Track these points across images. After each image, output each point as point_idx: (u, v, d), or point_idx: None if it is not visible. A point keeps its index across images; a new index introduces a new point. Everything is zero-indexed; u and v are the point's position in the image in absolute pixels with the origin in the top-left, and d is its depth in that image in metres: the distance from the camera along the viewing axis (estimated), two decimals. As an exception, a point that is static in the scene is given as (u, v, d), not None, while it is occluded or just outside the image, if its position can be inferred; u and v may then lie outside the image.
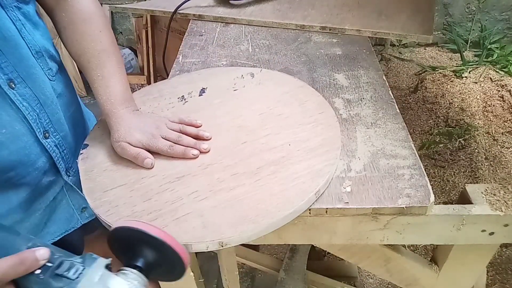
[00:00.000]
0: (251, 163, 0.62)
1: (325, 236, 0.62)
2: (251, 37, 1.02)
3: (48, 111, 0.64)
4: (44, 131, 0.64)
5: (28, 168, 0.63)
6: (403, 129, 0.70)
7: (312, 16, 1.08)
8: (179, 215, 0.55)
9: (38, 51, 0.63)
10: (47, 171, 0.67)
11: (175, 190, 0.59)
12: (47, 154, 0.65)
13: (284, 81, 0.80)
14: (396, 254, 0.70)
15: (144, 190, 0.59)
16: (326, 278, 1.26)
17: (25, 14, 0.61)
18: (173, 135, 0.65)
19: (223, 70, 0.86)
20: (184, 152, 0.63)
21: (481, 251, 0.66)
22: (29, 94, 0.60)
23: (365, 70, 0.86)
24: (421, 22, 1.04)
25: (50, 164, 0.67)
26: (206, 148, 0.65)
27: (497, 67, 2.18)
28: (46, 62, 0.65)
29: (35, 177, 0.65)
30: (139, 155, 0.62)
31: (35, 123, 0.62)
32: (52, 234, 0.72)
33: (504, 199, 0.60)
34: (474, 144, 1.85)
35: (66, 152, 0.69)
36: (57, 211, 0.72)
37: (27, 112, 0.60)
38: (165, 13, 1.15)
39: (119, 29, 2.54)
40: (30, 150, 0.62)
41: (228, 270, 1.07)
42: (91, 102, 2.35)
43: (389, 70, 2.35)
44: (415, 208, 0.57)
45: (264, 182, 0.58)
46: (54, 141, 0.66)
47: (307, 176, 0.58)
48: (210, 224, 0.53)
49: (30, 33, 0.61)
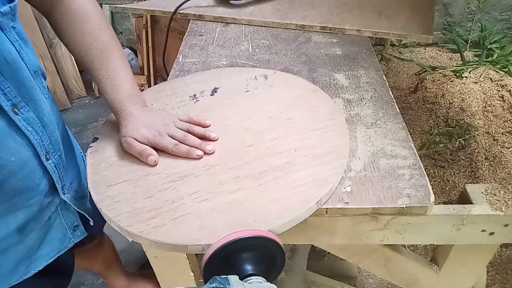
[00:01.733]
0: (255, 167, 0.61)
1: (325, 236, 0.62)
2: (251, 37, 1.02)
3: (48, 132, 0.63)
4: (45, 152, 0.62)
5: (32, 193, 0.62)
6: (403, 129, 0.70)
7: (312, 16, 1.08)
8: (178, 214, 0.55)
9: (36, 71, 0.61)
10: (47, 193, 0.65)
11: (176, 189, 0.59)
12: (48, 176, 0.64)
13: (297, 85, 0.79)
14: (396, 254, 0.70)
15: (147, 187, 0.59)
16: (326, 278, 1.26)
17: (19, 33, 0.58)
18: (180, 134, 0.65)
19: (237, 70, 0.86)
20: (189, 152, 0.64)
21: (481, 251, 0.66)
22: (32, 118, 0.59)
23: (365, 70, 0.86)
24: (421, 22, 1.04)
25: (50, 185, 0.65)
26: (211, 149, 0.65)
27: (497, 67, 2.18)
28: (41, 81, 0.63)
29: (38, 200, 0.64)
30: (143, 152, 0.63)
31: (39, 146, 0.60)
32: (45, 257, 0.71)
33: (504, 199, 0.60)
34: (474, 144, 1.84)
35: (62, 171, 0.68)
36: (50, 231, 0.70)
37: (32, 136, 0.59)
38: (165, 13, 1.15)
39: (119, 29, 2.54)
40: (35, 175, 0.61)
41: (228, 270, 1.07)
42: (91, 102, 2.35)
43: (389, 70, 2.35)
44: (415, 208, 0.57)
45: (266, 187, 0.58)
46: (53, 162, 0.65)
47: (311, 184, 0.58)
48: (207, 226, 0.53)
49: (27, 53, 0.59)
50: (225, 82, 0.81)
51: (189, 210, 0.56)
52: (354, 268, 1.37)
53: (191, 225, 0.54)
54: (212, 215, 0.55)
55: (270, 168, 0.61)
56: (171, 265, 0.69)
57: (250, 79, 0.81)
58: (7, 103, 0.54)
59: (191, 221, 0.54)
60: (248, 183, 0.59)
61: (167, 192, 0.59)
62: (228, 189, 0.58)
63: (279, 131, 0.68)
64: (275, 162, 0.62)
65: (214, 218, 0.54)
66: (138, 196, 0.58)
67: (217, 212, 0.55)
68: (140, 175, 0.62)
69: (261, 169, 0.61)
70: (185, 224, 0.54)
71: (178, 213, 0.55)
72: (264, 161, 0.62)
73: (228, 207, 0.56)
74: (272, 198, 0.56)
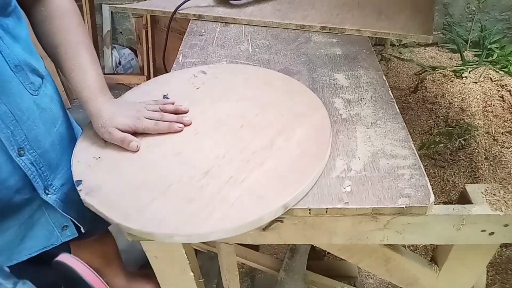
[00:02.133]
0: (265, 136, 0.66)
1: (325, 236, 0.62)
2: (251, 37, 1.02)
3: (24, 127, 0.62)
4: (18, 148, 0.62)
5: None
6: (403, 129, 0.70)
7: (312, 16, 1.08)
8: (232, 200, 0.56)
9: (17, 65, 0.61)
10: (20, 189, 0.65)
11: (210, 184, 0.59)
12: (20, 172, 0.63)
13: (237, 70, 0.84)
14: (396, 254, 0.70)
15: (183, 194, 0.58)
16: (326, 278, 1.26)
17: (3, 27, 0.59)
18: (156, 114, 0.68)
19: (171, 75, 0.85)
20: (170, 127, 0.66)
21: (481, 251, 0.66)
22: (3, 111, 0.58)
23: (365, 70, 0.86)
24: (421, 22, 1.04)
25: (24, 182, 0.65)
26: (188, 120, 0.69)
27: (497, 67, 2.18)
28: (27, 76, 0.63)
29: (5, 194, 0.63)
30: (125, 139, 0.64)
31: (7, 140, 0.60)
32: (28, 250, 0.72)
33: (504, 199, 0.60)
34: (474, 144, 1.84)
35: (44, 170, 0.67)
36: (34, 228, 0.71)
37: (0, 129, 0.59)
38: (165, 13, 1.15)
39: (119, 29, 2.54)
40: (0, 168, 0.61)
41: (228, 270, 1.07)
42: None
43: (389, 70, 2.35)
44: (415, 208, 0.57)
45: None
46: (29, 159, 0.64)
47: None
48: (263, 195, 0.56)
49: (9, 47, 0.60)
50: (169, 88, 0.79)
51: (238, 193, 0.57)
52: (354, 268, 1.37)
53: (249, 202, 0.55)
54: (260, 185, 0.58)
55: (277, 130, 0.67)
56: (171, 265, 0.69)
57: (191, 78, 0.82)
58: None
59: (246, 198, 0.56)
60: (265, 153, 0.63)
61: (206, 189, 0.58)
62: (255, 162, 0.61)
63: (254, 108, 0.72)
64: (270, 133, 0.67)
65: (263, 186, 0.58)
66: (181, 202, 0.57)
67: (263, 181, 0.58)
68: (164, 187, 0.59)
69: (271, 136, 0.66)
70: (243, 203, 0.55)
71: (231, 200, 0.56)
72: (268, 131, 0.67)
73: (271, 174, 0.59)
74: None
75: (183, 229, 0.53)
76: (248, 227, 0.54)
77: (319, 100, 0.75)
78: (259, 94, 0.77)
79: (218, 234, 0.53)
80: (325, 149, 0.64)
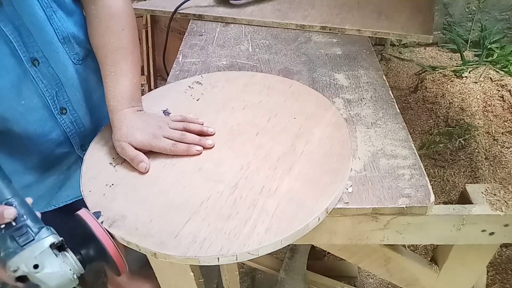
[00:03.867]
0: (284, 141, 0.65)
1: (325, 236, 0.61)
2: (251, 37, 1.02)
3: (68, 91, 0.70)
4: (61, 108, 0.70)
5: (42, 138, 0.70)
6: (403, 129, 0.70)
7: (312, 16, 1.08)
8: (272, 211, 0.54)
9: (65, 36, 0.68)
10: (61, 143, 0.73)
11: (242, 197, 0.57)
12: (61, 129, 0.72)
13: (233, 78, 0.82)
14: (396, 254, 0.70)
15: (217, 212, 0.55)
16: (326, 278, 1.26)
17: (59, 2, 0.67)
18: (176, 134, 0.65)
19: (165, 90, 0.80)
20: (188, 150, 0.64)
21: (481, 251, 0.66)
22: (50, 74, 0.67)
23: (365, 70, 0.86)
24: (421, 22, 1.04)
25: (64, 137, 0.73)
26: (211, 144, 0.65)
27: (497, 67, 2.18)
28: (73, 47, 0.70)
29: (48, 147, 0.72)
30: (135, 158, 0.62)
31: (51, 100, 0.68)
32: (65, 197, 0.80)
33: (504, 199, 0.60)
34: (474, 144, 1.84)
35: (84, 130, 0.75)
36: (71, 178, 0.79)
37: (46, 89, 0.67)
38: (165, 13, 1.15)
39: (119, 29, 2.54)
40: (45, 123, 0.69)
41: (228, 270, 1.07)
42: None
43: (389, 70, 2.35)
44: (415, 208, 0.57)
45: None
46: (70, 118, 0.72)
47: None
48: (303, 201, 0.55)
49: (61, 20, 0.67)
50: (167, 103, 0.75)
51: (276, 201, 0.55)
52: (354, 268, 1.36)
53: (289, 208, 0.55)
54: (298, 190, 0.58)
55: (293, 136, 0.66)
56: (171, 265, 0.69)
57: (188, 89, 0.79)
58: (27, 55, 0.63)
59: (286, 206, 0.55)
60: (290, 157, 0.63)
61: (241, 204, 0.56)
62: (284, 167, 0.61)
63: (263, 114, 0.72)
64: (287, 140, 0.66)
65: (299, 192, 0.57)
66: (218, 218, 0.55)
67: (300, 187, 0.58)
68: (196, 205, 0.57)
69: (290, 142, 0.65)
70: (285, 212, 0.55)
71: (271, 209, 0.55)
72: (285, 136, 0.66)
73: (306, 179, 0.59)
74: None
75: (229, 248, 0.50)
76: (296, 236, 0.52)
77: (325, 98, 0.75)
78: (264, 99, 0.75)
79: (266, 249, 0.51)
80: (348, 146, 0.64)
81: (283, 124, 0.69)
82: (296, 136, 0.66)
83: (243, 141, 0.66)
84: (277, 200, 0.55)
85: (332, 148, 0.63)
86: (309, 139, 0.65)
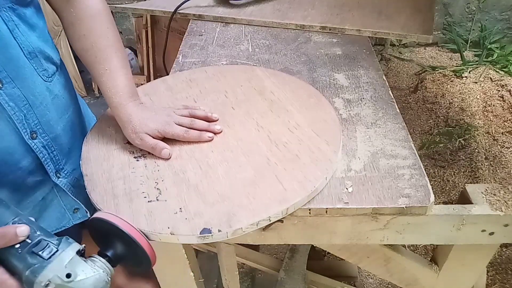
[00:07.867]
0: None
1: (325, 236, 0.61)
2: (251, 37, 1.02)
3: (37, 112, 0.64)
4: (31, 131, 0.63)
5: (11, 167, 0.63)
6: (403, 129, 0.70)
7: (312, 16, 1.08)
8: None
9: (31, 52, 0.63)
10: (33, 171, 0.66)
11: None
12: (33, 155, 0.65)
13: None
14: (396, 254, 0.70)
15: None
16: (326, 278, 1.26)
17: (21, 15, 0.61)
18: (186, 120, 0.67)
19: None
20: (200, 136, 0.66)
21: (481, 251, 0.66)
22: (17, 95, 0.60)
23: (365, 70, 0.86)
24: (421, 22, 1.04)
25: (36, 164, 0.66)
26: (219, 129, 0.68)
27: (497, 67, 2.18)
28: (40, 63, 0.65)
29: (19, 176, 0.65)
30: (157, 146, 0.64)
31: (20, 123, 0.61)
32: None
33: (504, 199, 0.60)
34: (474, 144, 1.84)
35: (56, 154, 0.69)
36: (48, 209, 0.72)
37: (13, 112, 0.60)
38: (165, 13, 1.15)
39: (119, 29, 2.54)
40: (14, 150, 0.62)
41: (228, 270, 1.07)
42: (91, 102, 2.35)
43: (389, 70, 2.35)
44: (415, 208, 0.57)
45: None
46: (42, 142, 0.65)
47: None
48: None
49: (24, 34, 0.61)
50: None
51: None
52: (354, 268, 1.37)
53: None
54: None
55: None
56: (171, 265, 0.69)
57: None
58: None
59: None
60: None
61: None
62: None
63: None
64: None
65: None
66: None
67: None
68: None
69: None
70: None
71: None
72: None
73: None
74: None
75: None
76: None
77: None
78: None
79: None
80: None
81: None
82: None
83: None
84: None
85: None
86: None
